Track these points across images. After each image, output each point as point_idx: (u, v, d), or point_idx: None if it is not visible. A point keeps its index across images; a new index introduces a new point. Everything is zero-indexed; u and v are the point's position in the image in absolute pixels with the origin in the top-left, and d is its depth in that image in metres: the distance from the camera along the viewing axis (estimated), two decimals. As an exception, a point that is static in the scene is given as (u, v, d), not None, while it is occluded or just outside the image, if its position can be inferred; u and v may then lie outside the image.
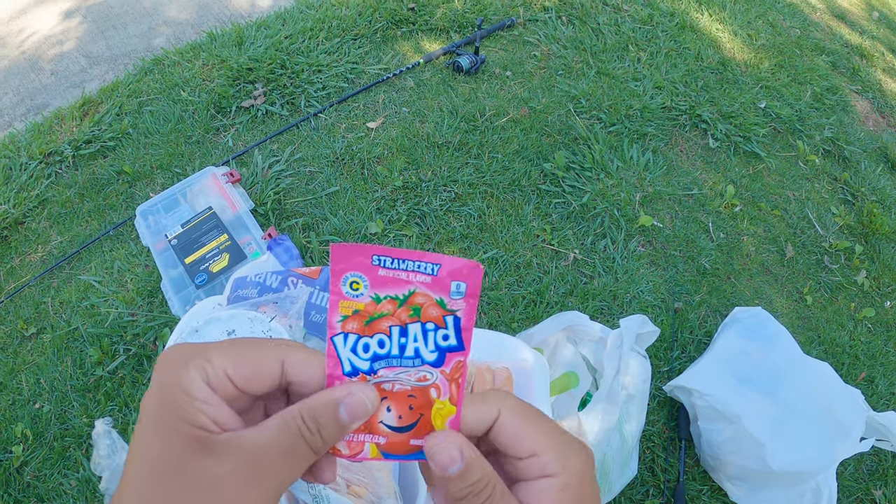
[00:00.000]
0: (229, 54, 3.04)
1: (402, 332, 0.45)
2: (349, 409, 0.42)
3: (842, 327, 2.49)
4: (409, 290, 0.44)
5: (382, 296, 0.44)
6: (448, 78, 3.02)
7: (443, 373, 0.46)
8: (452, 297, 0.44)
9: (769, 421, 1.81)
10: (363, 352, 0.45)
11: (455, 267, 0.44)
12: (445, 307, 0.45)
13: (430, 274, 0.44)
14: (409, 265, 0.44)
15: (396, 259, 0.43)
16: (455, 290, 0.44)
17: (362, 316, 0.44)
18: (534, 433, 0.44)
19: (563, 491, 0.43)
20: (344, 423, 0.42)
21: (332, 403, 0.42)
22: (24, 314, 2.29)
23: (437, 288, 0.44)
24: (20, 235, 2.51)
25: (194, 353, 0.41)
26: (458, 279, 0.44)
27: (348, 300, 0.44)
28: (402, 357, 0.45)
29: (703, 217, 2.67)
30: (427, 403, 0.46)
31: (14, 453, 1.98)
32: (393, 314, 0.45)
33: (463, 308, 0.45)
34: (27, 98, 3.14)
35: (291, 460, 0.41)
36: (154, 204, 2.39)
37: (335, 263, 0.43)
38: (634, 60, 3.26)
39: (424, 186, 2.56)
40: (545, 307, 2.27)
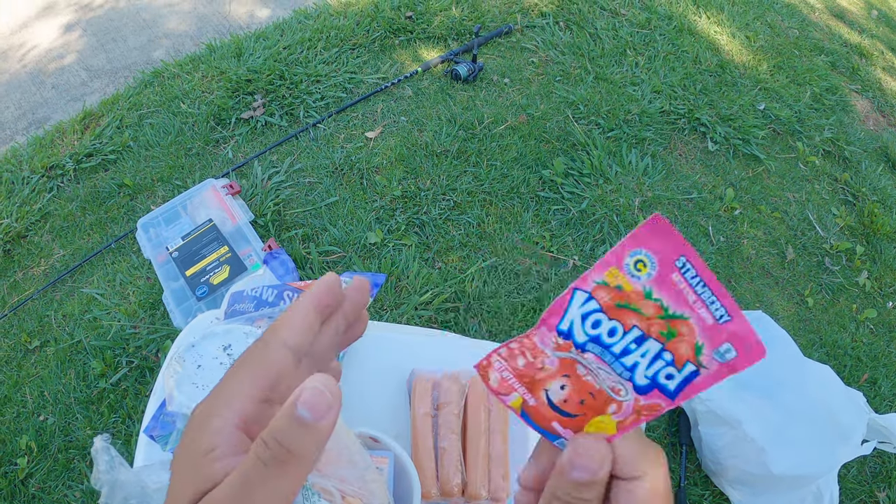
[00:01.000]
0: (228, 66, 3.05)
1: (637, 340, 0.40)
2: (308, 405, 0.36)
3: (844, 329, 2.48)
4: (681, 313, 0.38)
5: (656, 296, 0.39)
6: (446, 86, 3.03)
7: (636, 400, 0.40)
8: (713, 355, 0.38)
9: (770, 425, 1.81)
10: (591, 327, 0.40)
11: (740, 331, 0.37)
12: (698, 355, 0.38)
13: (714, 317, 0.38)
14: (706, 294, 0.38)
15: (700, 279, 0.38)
16: (723, 350, 0.38)
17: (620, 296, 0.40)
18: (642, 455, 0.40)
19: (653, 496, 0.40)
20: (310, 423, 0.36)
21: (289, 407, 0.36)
22: (28, 327, 2.30)
23: (709, 335, 0.38)
24: (23, 249, 2.53)
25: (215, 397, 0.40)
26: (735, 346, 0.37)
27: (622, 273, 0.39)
28: (618, 358, 0.41)
29: (703, 221, 2.67)
30: (599, 410, 0.41)
31: (19, 465, 1.99)
32: (648, 318, 0.39)
33: (711, 371, 0.38)
34: (29, 112, 3.15)
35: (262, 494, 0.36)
36: (155, 216, 2.40)
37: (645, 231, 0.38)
38: (632, 65, 3.26)
39: (423, 195, 2.57)
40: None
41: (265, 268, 1.33)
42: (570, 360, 0.41)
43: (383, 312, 2.24)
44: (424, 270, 2.34)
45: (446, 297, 2.28)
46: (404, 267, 2.35)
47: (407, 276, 2.32)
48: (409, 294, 2.28)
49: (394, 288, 2.30)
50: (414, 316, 2.22)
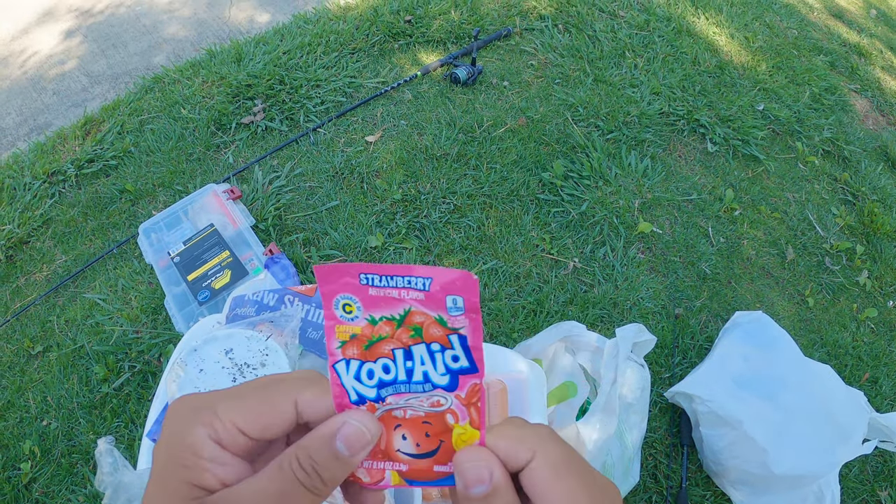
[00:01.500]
0: (228, 71, 3.07)
1: (406, 355, 0.42)
2: (347, 441, 0.39)
3: (844, 328, 2.48)
4: (404, 309, 0.40)
5: (378, 317, 0.41)
6: (446, 90, 3.04)
7: (458, 397, 0.42)
8: (451, 314, 0.40)
9: (771, 425, 1.81)
10: (367, 378, 0.42)
11: (447, 279, 0.39)
12: (446, 325, 0.40)
13: (421, 290, 0.40)
14: (399, 281, 0.40)
15: (384, 276, 0.40)
16: (452, 305, 0.40)
17: (361, 340, 0.41)
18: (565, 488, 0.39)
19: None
20: (344, 457, 0.39)
21: (328, 437, 0.39)
22: (31, 333, 2.32)
23: (433, 304, 0.40)
24: (25, 255, 2.54)
25: (202, 405, 0.40)
26: (452, 293, 0.40)
27: (344, 324, 0.41)
28: (410, 382, 0.42)
29: (703, 222, 2.67)
30: (445, 430, 0.42)
31: (22, 470, 2.00)
32: (392, 336, 0.41)
33: (466, 325, 0.40)
34: (30, 118, 3.17)
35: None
36: (156, 222, 2.41)
37: (322, 286, 0.41)
38: (631, 67, 3.27)
39: (423, 199, 2.57)
40: (545, 317, 2.28)
41: (266, 272, 1.34)
42: (385, 414, 0.43)
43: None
44: (425, 273, 2.34)
45: (447, 301, 2.29)
46: (405, 271, 2.34)
47: (408, 279, 2.32)
48: (410, 297, 2.28)
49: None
50: (415, 319, 2.23)
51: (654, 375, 2.17)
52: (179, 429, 0.39)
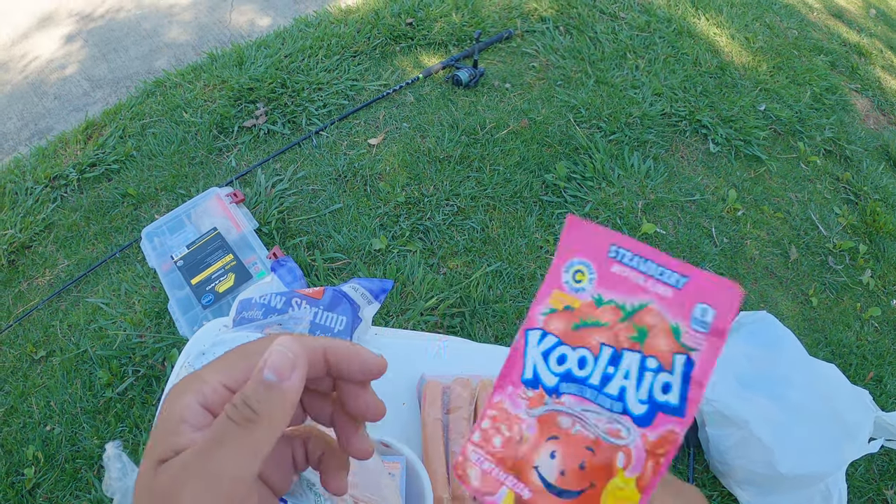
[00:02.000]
0: (230, 74, 3.07)
1: (612, 359, 0.36)
2: (272, 366, 0.37)
3: (848, 327, 2.48)
4: (640, 302, 0.36)
5: (607, 299, 0.36)
6: (448, 92, 3.04)
7: (644, 438, 0.35)
8: (693, 328, 0.35)
9: (776, 425, 1.81)
10: (556, 363, 0.37)
11: (706, 284, 0.35)
12: (679, 339, 0.35)
13: (672, 286, 0.35)
14: (652, 268, 0.36)
15: (638, 255, 0.36)
16: (699, 315, 0.35)
17: (573, 316, 0.37)
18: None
19: None
20: (272, 383, 0.37)
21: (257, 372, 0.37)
22: (33, 338, 2.31)
23: (677, 308, 0.35)
24: (27, 259, 2.54)
25: (190, 378, 0.40)
26: (706, 301, 0.35)
27: (565, 292, 0.37)
28: (600, 391, 0.36)
29: (706, 222, 2.67)
30: (606, 470, 0.35)
31: (26, 476, 1.99)
32: (611, 328, 0.36)
33: (702, 349, 0.35)
34: (31, 122, 3.16)
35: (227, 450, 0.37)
36: (159, 226, 2.40)
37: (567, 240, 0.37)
38: (633, 68, 3.27)
39: (427, 201, 2.58)
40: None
41: (273, 275, 1.33)
42: (549, 414, 0.37)
43: (389, 318, 2.24)
44: (429, 276, 2.35)
45: (452, 303, 2.29)
46: (409, 273, 2.35)
47: (412, 281, 2.33)
48: (414, 300, 2.28)
49: (399, 294, 2.30)
50: (420, 321, 2.23)
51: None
52: (171, 401, 0.39)
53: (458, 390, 1.09)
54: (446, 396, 1.09)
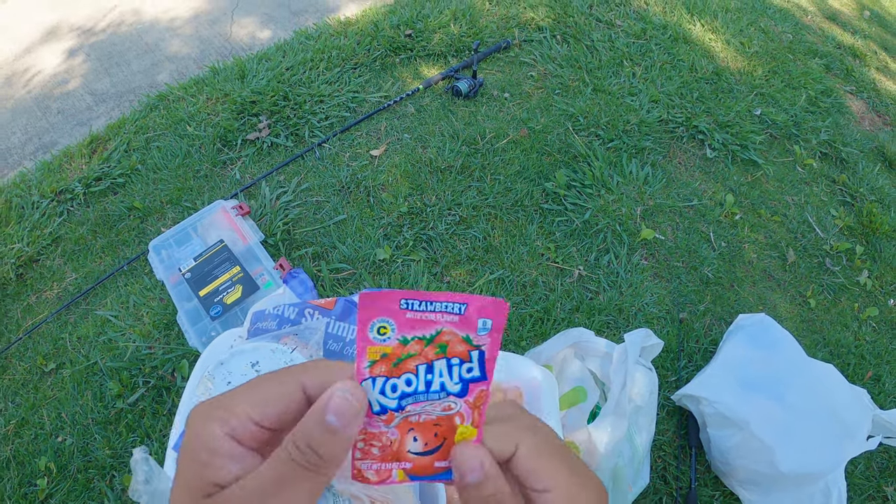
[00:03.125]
0: (232, 88, 3.10)
1: (428, 370, 0.45)
2: (337, 412, 0.40)
3: (846, 328, 2.51)
4: (436, 330, 0.44)
5: (410, 337, 0.44)
6: (448, 102, 3.08)
7: (466, 402, 0.46)
8: (479, 334, 0.45)
9: (776, 425, 1.84)
10: (391, 392, 0.45)
11: (481, 305, 0.44)
12: (471, 343, 0.45)
13: (457, 314, 0.44)
14: (437, 306, 0.44)
15: (424, 301, 0.44)
16: (481, 326, 0.44)
17: (390, 359, 0.45)
18: (549, 470, 0.44)
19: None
20: (337, 429, 0.40)
21: (319, 413, 0.40)
22: (43, 350, 2.33)
23: (464, 326, 0.44)
24: (35, 273, 2.56)
25: (217, 406, 0.42)
26: (484, 316, 0.44)
27: (376, 345, 0.44)
28: (428, 392, 0.46)
29: (704, 227, 2.70)
30: (451, 429, 0.46)
31: (39, 486, 2.01)
32: (420, 353, 0.45)
33: (488, 343, 0.45)
34: (35, 137, 3.18)
35: (289, 491, 0.39)
36: (166, 238, 2.43)
37: (363, 311, 0.43)
38: (630, 75, 3.30)
39: (429, 211, 2.60)
40: (552, 324, 2.31)
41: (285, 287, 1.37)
42: (402, 421, 0.46)
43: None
44: (433, 285, 2.38)
45: (456, 311, 2.31)
46: (413, 282, 2.38)
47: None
48: (418, 308, 2.30)
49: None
50: (424, 329, 2.25)
51: (660, 379, 2.19)
52: (198, 429, 0.41)
53: None
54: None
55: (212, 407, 0.42)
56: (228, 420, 0.41)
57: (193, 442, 0.41)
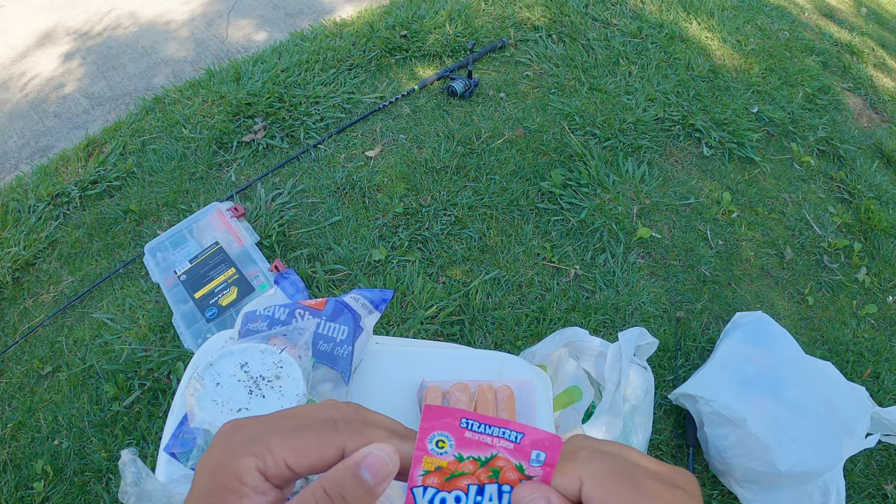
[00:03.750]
0: (228, 90, 3.09)
1: (478, 491, 0.46)
2: (371, 469, 0.41)
3: (845, 325, 2.50)
4: (491, 454, 0.45)
5: (465, 455, 0.45)
6: (443, 103, 3.07)
7: None
8: (531, 465, 0.45)
9: (774, 423, 1.83)
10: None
11: (537, 438, 0.44)
12: (524, 472, 0.45)
13: (513, 441, 0.45)
14: (495, 431, 0.45)
15: (484, 424, 0.45)
16: (535, 458, 0.45)
17: (444, 472, 0.45)
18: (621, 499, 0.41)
19: None
20: (368, 485, 0.40)
21: (354, 467, 0.41)
22: (40, 353, 2.32)
23: (519, 455, 0.45)
24: (31, 276, 2.56)
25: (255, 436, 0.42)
26: (538, 448, 0.44)
27: (433, 457, 0.45)
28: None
29: (701, 225, 2.69)
30: None
31: (35, 489, 2.00)
32: (473, 473, 0.45)
33: (540, 475, 0.45)
34: (32, 141, 3.18)
35: None
36: (162, 241, 2.43)
37: (426, 422, 0.44)
38: (626, 74, 3.30)
39: (425, 211, 2.60)
40: (548, 324, 2.30)
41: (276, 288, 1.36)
42: None
43: (390, 328, 2.27)
44: (429, 285, 2.38)
45: (451, 311, 2.31)
46: (409, 282, 2.38)
47: (412, 291, 2.35)
48: (414, 309, 2.31)
49: (399, 303, 2.33)
50: (420, 330, 2.25)
51: (657, 378, 2.19)
52: (229, 454, 0.41)
53: (458, 395, 1.12)
54: (446, 401, 1.12)
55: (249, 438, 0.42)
56: (263, 456, 0.41)
57: (221, 466, 0.41)
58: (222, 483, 0.40)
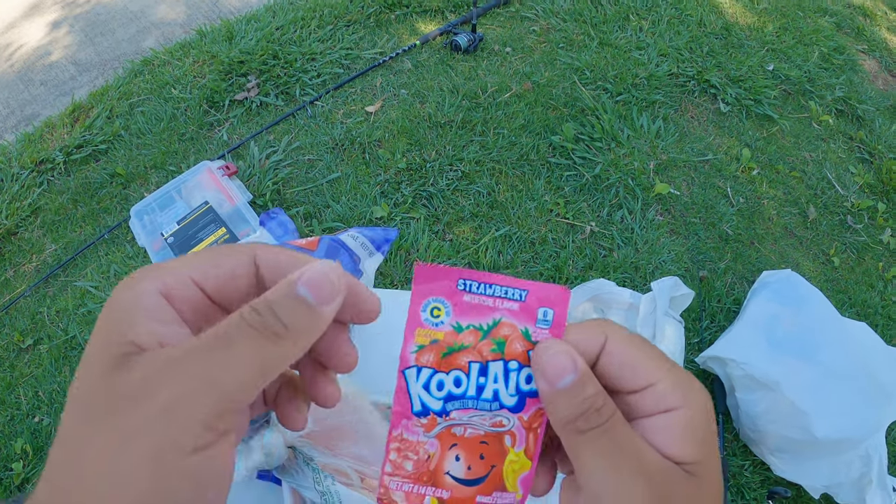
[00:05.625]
0: (220, 49, 2.97)
1: (481, 371, 0.42)
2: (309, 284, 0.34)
3: (872, 288, 2.41)
4: (493, 320, 0.41)
5: (465, 325, 0.41)
6: (446, 58, 2.95)
7: (521, 419, 0.42)
8: (539, 326, 0.41)
9: (809, 387, 1.73)
10: (437, 390, 0.42)
11: (543, 293, 0.41)
12: (530, 339, 0.41)
13: (517, 300, 0.41)
14: (497, 290, 0.41)
15: (484, 284, 0.41)
16: (542, 317, 0.41)
17: (440, 347, 0.42)
18: (648, 362, 0.38)
19: (688, 428, 0.37)
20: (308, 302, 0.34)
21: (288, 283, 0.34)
22: (20, 326, 2.23)
23: (524, 316, 0.41)
24: (13, 246, 2.46)
25: (154, 266, 0.35)
26: (545, 305, 0.41)
27: (427, 328, 0.41)
28: (478, 399, 0.42)
29: (721, 182, 2.58)
30: (500, 453, 0.43)
31: (14, 470, 1.93)
32: (474, 347, 0.42)
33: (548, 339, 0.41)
34: (17, 110, 3.09)
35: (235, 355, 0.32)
36: (149, 203, 2.31)
37: (418, 286, 0.41)
38: (636, 30, 3.17)
39: (429, 167, 2.48)
40: (565, 282, 2.19)
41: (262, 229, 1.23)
42: (444, 430, 0.42)
43: (394, 288, 2.15)
44: (435, 243, 2.26)
45: (460, 270, 2.20)
46: (413, 240, 2.26)
47: (417, 249, 2.24)
48: (420, 268, 2.19)
49: (403, 262, 2.21)
50: (426, 291, 2.14)
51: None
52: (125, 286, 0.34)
53: None
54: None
55: (144, 269, 0.35)
56: (163, 277, 0.35)
57: (117, 299, 0.34)
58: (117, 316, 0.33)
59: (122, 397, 0.31)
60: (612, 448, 0.36)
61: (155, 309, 0.33)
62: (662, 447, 0.37)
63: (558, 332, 0.41)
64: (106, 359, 0.32)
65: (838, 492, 1.71)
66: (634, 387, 0.38)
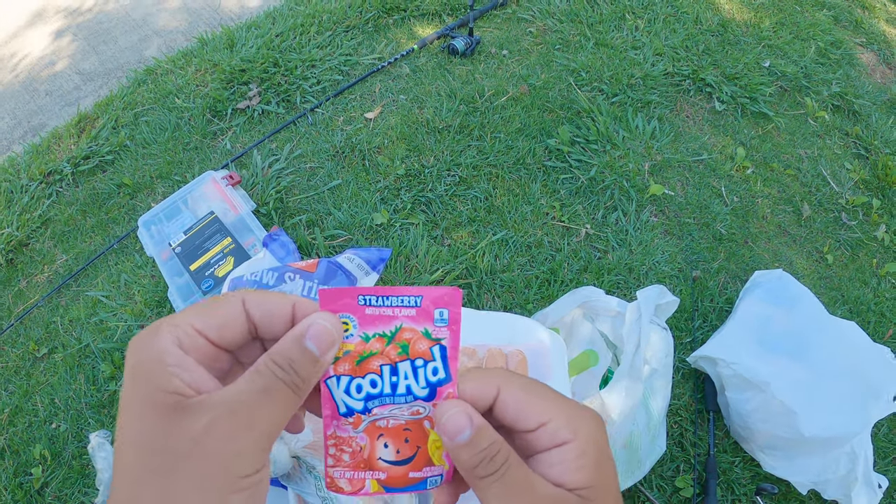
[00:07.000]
0: (221, 57, 3.01)
1: (392, 371, 0.47)
2: (316, 339, 0.42)
3: (865, 284, 2.43)
4: (395, 327, 0.46)
5: (371, 334, 0.46)
6: (444, 62, 2.98)
7: (434, 405, 0.47)
8: (437, 325, 0.47)
9: (798, 386, 1.76)
10: (356, 392, 0.47)
11: (436, 295, 0.47)
12: (431, 337, 0.47)
13: (413, 306, 0.46)
14: (394, 300, 0.46)
15: (381, 297, 0.46)
16: (438, 317, 0.47)
17: (353, 357, 0.46)
18: (539, 403, 0.44)
19: (580, 458, 0.42)
20: (314, 356, 0.42)
21: (298, 337, 0.42)
22: (35, 335, 2.28)
23: (422, 318, 0.47)
24: (25, 257, 2.52)
25: (161, 322, 0.41)
26: (441, 306, 0.47)
27: None
28: (394, 395, 0.47)
29: (715, 182, 2.61)
30: (423, 436, 0.48)
31: (34, 475, 1.97)
32: (382, 352, 0.47)
33: (447, 336, 0.47)
34: (24, 120, 3.14)
35: (271, 404, 0.41)
36: (156, 213, 2.36)
37: (324, 306, 0.45)
38: (632, 29, 3.20)
39: (428, 172, 2.52)
40: (559, 286, 2.22)
41: (265, 251, 1.28)
42: (370, 425, 0.48)
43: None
44: (434, 248, 2.30)
45: (458, 274, 2.24)
46: (413, 246, 2.30)
47: (416, 255, 2.27)
48: (419, 273, 2.23)
49: (403, 268, 2.25)
50: (426, 295, 2.18)
51: (674, 341, 2.11)
52: (142, 347, 0.40)
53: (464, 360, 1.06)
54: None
55: (155, 325, 0.41)
56: (174, 331, 0.41)
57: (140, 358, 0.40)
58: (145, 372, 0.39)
59: (191, 441, 0.38)
60: (507, 488, 0.41)
61: (179, 360, 0.39)
62: (557, 478, 0.42)
63: (456, 329, 0.47)
64: (160, 408, 0.38)
65: (825, 488, 1.75)
66: (529, 427, 0.43)
